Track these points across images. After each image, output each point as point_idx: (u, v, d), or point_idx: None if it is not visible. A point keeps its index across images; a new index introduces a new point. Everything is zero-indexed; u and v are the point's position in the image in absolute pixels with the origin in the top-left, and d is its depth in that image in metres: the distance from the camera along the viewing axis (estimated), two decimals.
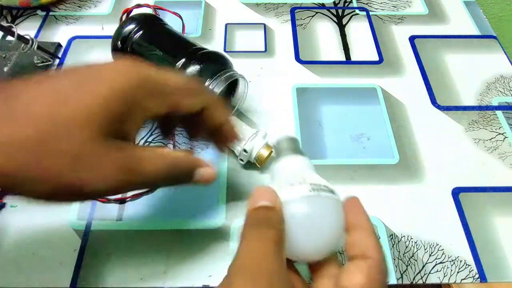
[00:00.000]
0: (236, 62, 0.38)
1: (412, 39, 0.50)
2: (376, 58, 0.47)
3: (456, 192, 0.36)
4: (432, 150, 0.39)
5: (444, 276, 0.31)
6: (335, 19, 0.52)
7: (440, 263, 0.32)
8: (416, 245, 0.33)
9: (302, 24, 0.51)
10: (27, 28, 0.49)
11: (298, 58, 0.47)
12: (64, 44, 0.48)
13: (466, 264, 0.32)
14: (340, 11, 0.53)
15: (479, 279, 0.31)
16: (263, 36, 0.50)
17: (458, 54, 0.48)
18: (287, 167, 0.25)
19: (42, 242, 0.32)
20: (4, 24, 0.37)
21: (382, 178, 0.37)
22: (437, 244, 0.33)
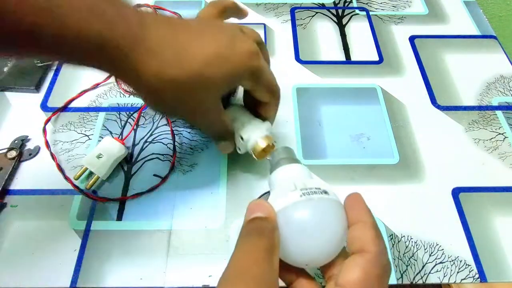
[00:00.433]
0: None
1: (412, 39, 0.50)
2: (376, 58, 0.47)
3: (456, 192, 0.36)
4: (432, 150, 0.39)
5: (444, 276, 0.31)
6: (335, 19, 0.52)
7: (440, 263, 0.32)
8: (416, 245, 0.33)
9: (302, 24, 0.51)
10: None
11: (298, 58, 0.47)
12: None
13: (466, 264, 0.32)
14: (340, 11, 0.53)
15: (479, 279, 0.31)
16: (263, 36, 0.50)
17: (458, 54, 0.48)
18: (281, 177, 0.26)
19: (42, 242, 0.32)
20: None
21: (382, 178, 0.37)
22: (437, 244, 0.33)
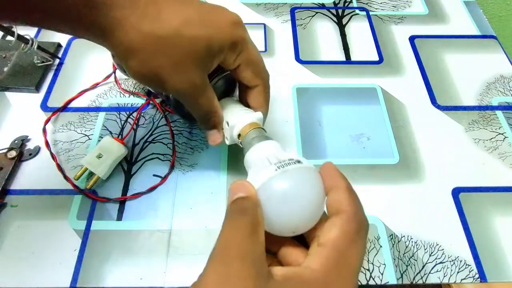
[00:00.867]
0: None
1: (412, 39, 0.50)
2: (376, 58, 0.47)
3: (456, 192, 0.36)
4: (432, 150, 0.39)
5: (444, 276, 0.31)
6: (335, 19, 0.52)
7: (440, 263, 0.32)
8: (416, 245, 0.33)
9: (302, 24, 0.51)
10: (27, 28, 0.49)
11: (298, 58, 0.47)
12: (64, 44, 0.48)
13: (466, 264, 0.32)
14: (340, 11, 0.53)
15: (479, 279, 0.31)
16: (263, 36, 0.50)
17: (458, 54, 0.48)
18: (255, 156, 0.27)
19: (42, 242, 0.32)
20: (4, 24, 0.37)
21: (382, 178, 0.37)
22: (437, 244, 0.33)
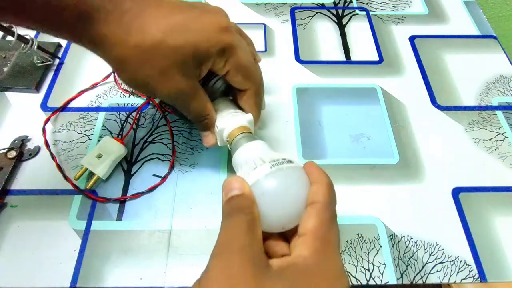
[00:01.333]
0: None
1: (412, 39, 0.50)
2: (376, 58, 0.47)
3: (456, 192, 0.36)
4: (432, 150, 0.39)
5: (444, 276, 0.31)
6: (335, 19, 0.52)
7: (440, 263, 0.32)
8: (416, 245, 0.33)
9: (302, 24, 0.51)
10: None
11: (298, 58, 0.47)
12: (64, 44, 0.48)
13: (466, 264, 0.32)
14: (340, 11, 0.53)
15: (479, 279, 0.31)
16: (263, 36, 0.50)
17: (458, 54, 0.48)
18: (245, 155, 0.27)
19: (42, 242, 0.32)
20: (4, 24, 0.37)
21: (382, 178, 0.37)
22: (437, 244, 0.33)
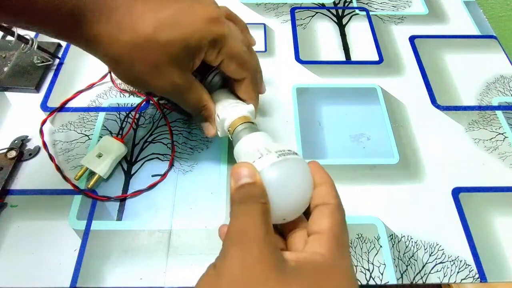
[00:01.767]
0: None
1: (412, 39, 0.50)
2: (376, 58, 0.47)
3: (456, 192, 0.36)
4: (432, 150, 0.39)
5: (444, 276, 0.31)
6: (335, 19, 0.52)
7: (440, 263, 0.32)
8: (416, 245, 0.33)
9: (302, 24, 0.51)
10: None
11: (298, 58, 0.47)
12: (64, 44, 0.48)
13: (466, 264, 0.32)
14: (340, 11, 0.53)
15: (479, 279, 0.31)
16: (263, 36, 0.50)
17: (458, 54, 0.48)
18: (249, 145, 0.27)
19: (42, 242, 0.32)
20: (4, 24, 0.37)
21: (382, 178, 0.37)
22: (437, 244, 0.33)
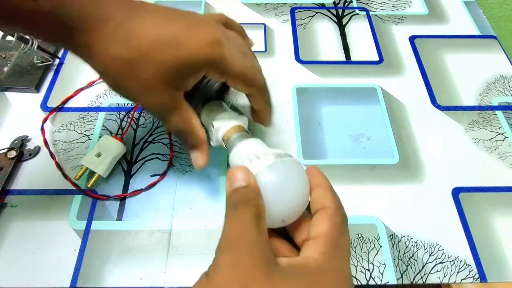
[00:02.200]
0: None
1: (412, 39, 0.50)
2: (376, 58, 0.47)
3: (456, 192, 0.36)
4: (432, 150, 0.39)
5: (444, 276, 0.31)
6: (335, 19, 0.52)
7: (440, 263, 0.32)
8: (416, 245, 0.33)
9: (302, 24, 0.51)
10: None
11: (298, 58, 0.47)
12: None
13: (466, 264, 0.32)
14: (340, 11, 0.53)
15: (479, 279, 0.31)
16: (263, 36, 0.50)
17: (458, 54, 0.48)
18: (245, 149, 0.27)
19: (42, 242, 0.32)
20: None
21: (382, 178, 0.37)
22: (437, 244, 0.33)
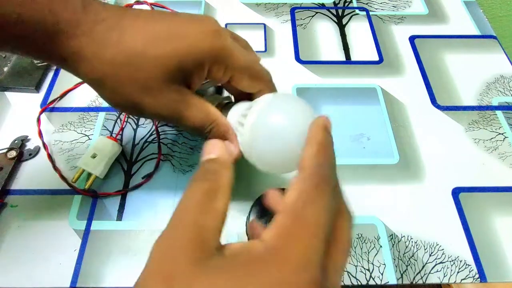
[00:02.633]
0: None
1: (412, 39, 0.50)
2: (376, 58, 0.47)
3: (456, 192, 0.36)
4: (432, 150, 0.39)
5: (444, 276, 0.31)
6: (335, 19, 0.52)
7: (440, 263, 0.32)
8: (416, 245, 0.33)
9: (302, 24, 0.51)
10: None
11: (298, 58, 0.47)
12: None
13: (466, 264, 0.32)
14: (340, 11, 0.53)
15: (479, 279, 0.31)
16: (263, 36, 0.50)
17: (458, 54, 0.48)
18: (238, 108, 0.27)
19: (42, 242, 0.32)
20: None
21: (382, 178, 0.37)
22: (437, 244, 0.33)
